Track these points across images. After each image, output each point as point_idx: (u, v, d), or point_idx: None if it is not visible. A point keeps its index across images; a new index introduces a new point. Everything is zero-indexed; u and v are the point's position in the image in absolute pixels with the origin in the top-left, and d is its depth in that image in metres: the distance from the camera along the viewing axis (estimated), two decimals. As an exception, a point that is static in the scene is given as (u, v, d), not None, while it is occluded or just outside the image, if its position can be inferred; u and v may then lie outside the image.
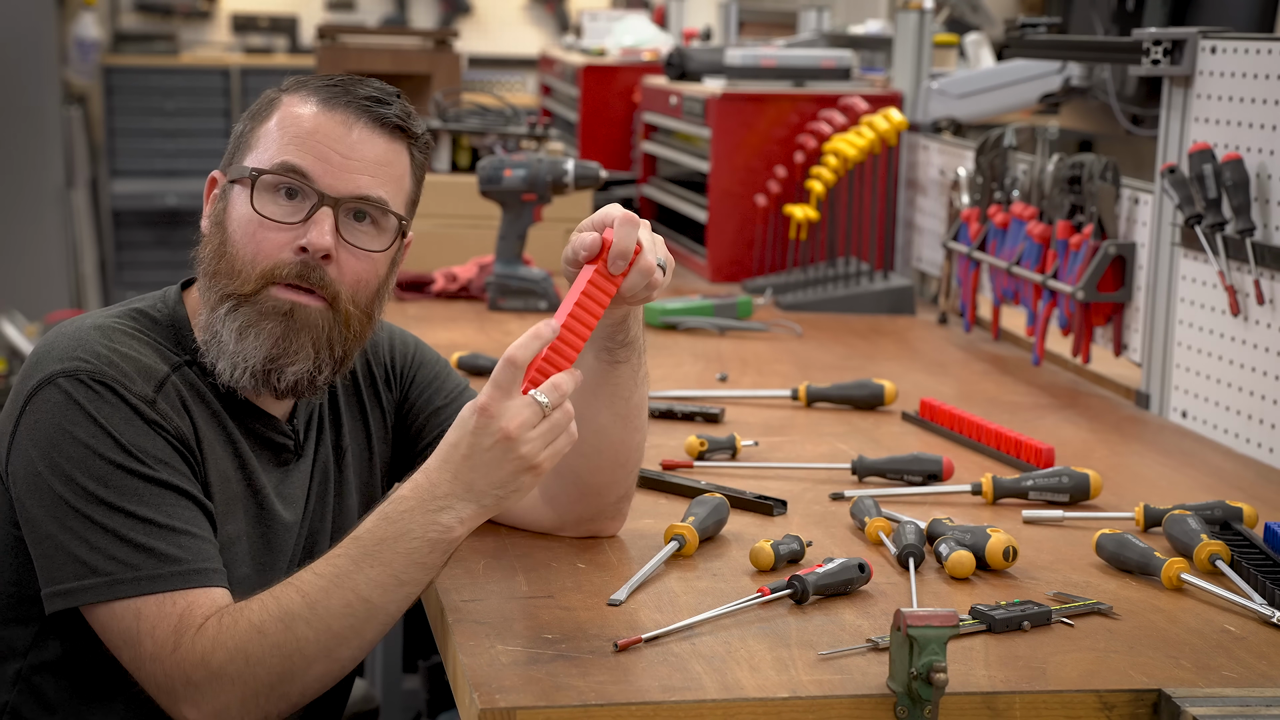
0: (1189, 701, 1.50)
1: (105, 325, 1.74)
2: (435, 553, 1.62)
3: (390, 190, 1.78)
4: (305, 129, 1.75)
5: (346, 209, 1.75)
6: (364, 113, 1.76)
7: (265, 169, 1.73)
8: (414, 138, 1.81)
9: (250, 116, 1.80)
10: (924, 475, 2.18)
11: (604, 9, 7.83)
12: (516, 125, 3.82)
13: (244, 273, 1.73)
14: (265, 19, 8.52)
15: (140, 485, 1.64)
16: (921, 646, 1.46)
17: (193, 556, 1.64)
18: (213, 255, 1.76)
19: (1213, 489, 2.23)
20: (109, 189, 7.96)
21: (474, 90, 5.63)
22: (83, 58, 7.77)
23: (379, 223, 1.77)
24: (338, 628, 1.61)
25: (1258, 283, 2.40)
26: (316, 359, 1.75)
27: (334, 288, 1.74)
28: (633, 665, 1.53)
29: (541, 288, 3.30)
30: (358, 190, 1.75)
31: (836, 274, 3.52)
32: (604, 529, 1.92)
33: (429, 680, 3.54)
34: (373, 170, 1.76)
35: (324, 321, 1.75)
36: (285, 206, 1.74)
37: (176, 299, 1.81)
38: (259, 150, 1.76)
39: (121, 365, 1.68)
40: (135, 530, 1.63)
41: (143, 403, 1.67)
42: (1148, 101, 3.64)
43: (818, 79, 3.83)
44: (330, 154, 1.74)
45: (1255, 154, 2.44)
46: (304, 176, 1.73)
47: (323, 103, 1.76)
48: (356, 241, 1.76)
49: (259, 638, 1.60)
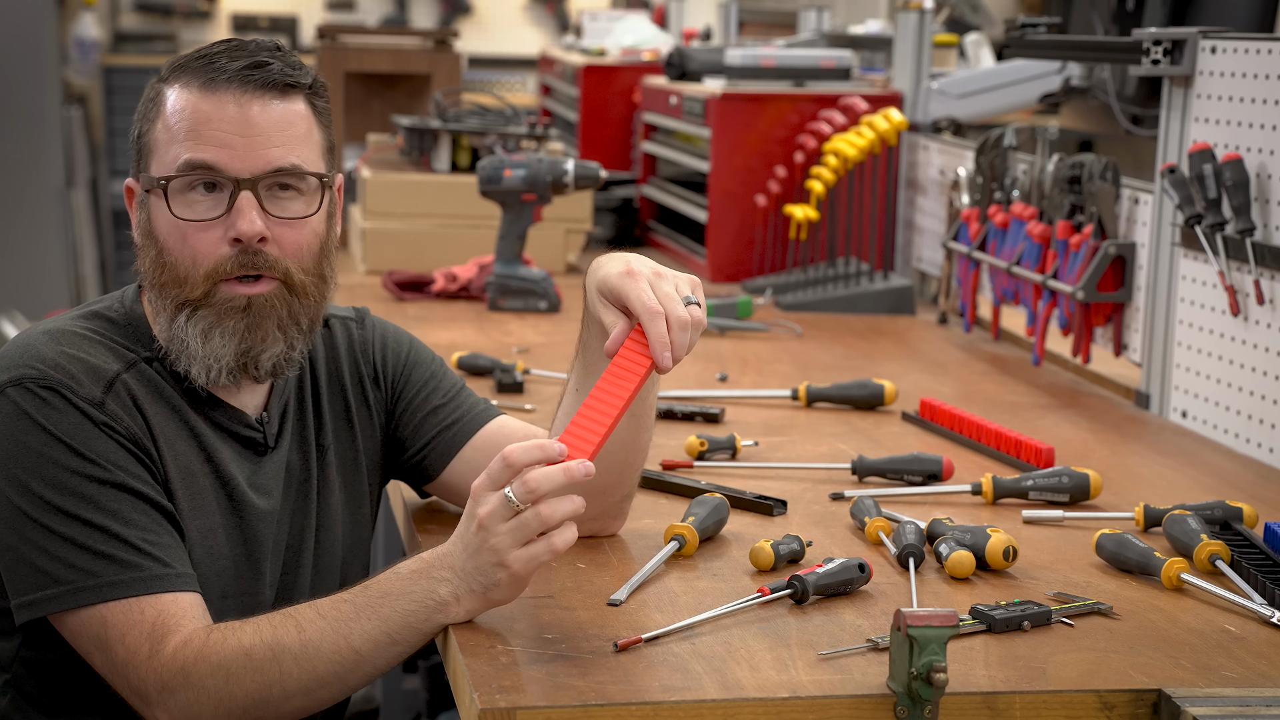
0: (1189, 701, 1.50)
1: (56, 329, 1.74)
2: (430, 622, 1.60)
3: (302, 151, 1.75)
4: (197, 120, 1.72)
5: (265, 185, 1.73)
6: (246, 83, 1.72)
7: (171, 174, 1.72)
8: (307, 87, 1.77)
9: (141, 117, 1.78)
10: (924, 475, 2.18)
11: (604, 9, 7.83)
12: (516, 125, 3.82)
13: (189, 278, 1.73)
14: (265, 19, 8.52)
15: (96, 490, 1.64)
16: (921, 646, 1.45)
17: (153, 562, 1.63)
18: (153, 267, 1.76)
19: (1213, 489, 2.23)
20: (109, 189, 7.96)
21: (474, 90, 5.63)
22: (83, 58, 7.77)
23: (300, 187, 1.76)
24: (323, 671, 1.60)
25: (1258, 283, 2.40)
26: (286, 338, 1.76)
27: (280, 265, 1.74)
28: (633, 665, 1.53)
29: (541, 288, 3.30)
30: (270, 164, 1.73)
31: (836, 274, 3.52)
32: (606, 528, 1.91)
33: (429, 680, 3.54)
34: (277, 139, 1.73)
35: (280, 302, 1.75)
36: (204, 202, 1.72)
37: (134, 298, 1.81)
38: (159, 153, 1.74)
39: (69, 368, 1.68)
40: (93, 538, 1.62)
41: (91, 405, 1.67)
42: (1148, 101, 3.64)
43: (818, 79, 3.83)
44: (229, 138, 1.72)
45: (1255, 154, 2.44)
46: (211, 169, 1.71)
47: (203, 86, 1.72)
48: (285, 213, 1.74)
49: (245, 660, 1.59)
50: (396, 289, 3.40)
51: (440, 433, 1.94)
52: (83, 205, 7.63)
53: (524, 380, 2.64)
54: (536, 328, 3.15)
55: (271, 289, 1.74)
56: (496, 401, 2.49)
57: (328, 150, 1.81)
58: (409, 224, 3.65)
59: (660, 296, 1.67)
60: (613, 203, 4.20)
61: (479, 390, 2.12)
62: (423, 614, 1.60)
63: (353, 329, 1.96)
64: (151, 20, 8.48)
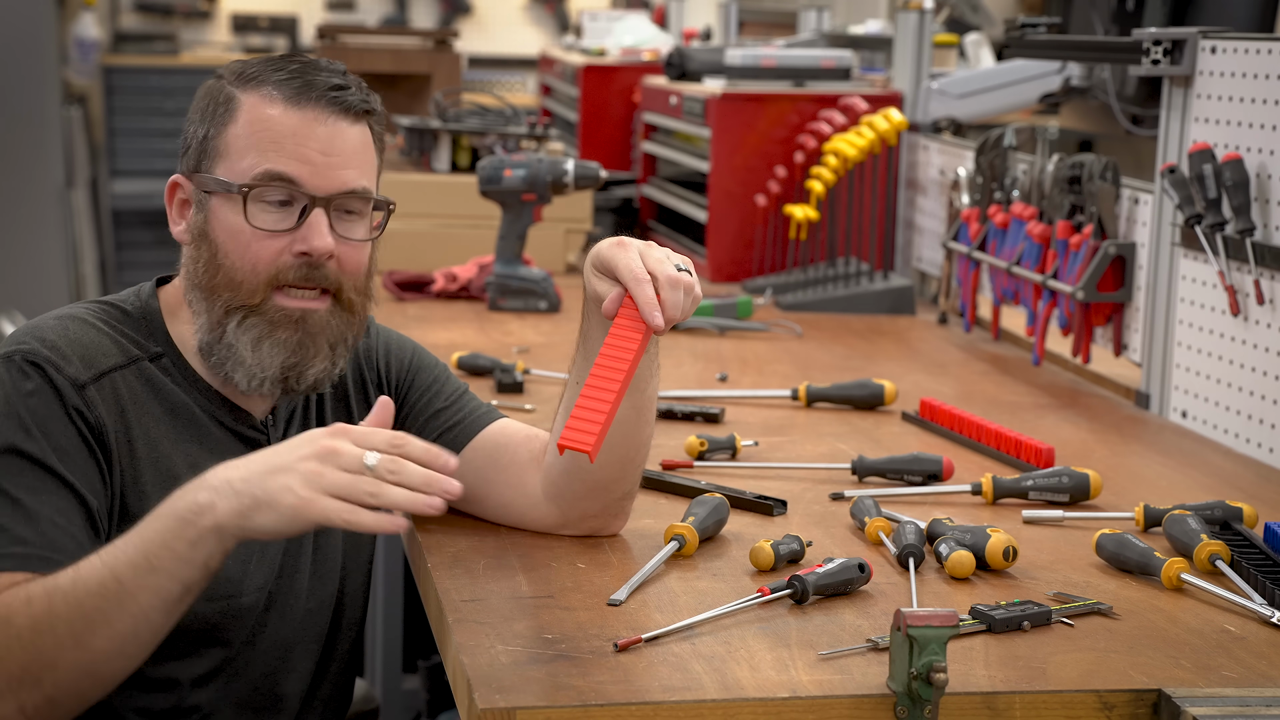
0: (1189, 701, 1.50)
1: (69, 314, 1.75)
2: (183, 537, 1.53)
3: (369, 176, 1.79)
4: (281, 132, 1.73)
5: (337, 205, 1.75)
6: (333, 105, 1.75)
7: (253, 183, 1.73)
8: (375, 115, 1.81)
9: (209, 118, 1.77)
10: (924, 475, 2.18)
11: (604, 9, 7.83)
12: (516, 125, 3.82)
13: (246, 284, 1.74)
14: (265, 19, 8.52)
15: (27, 466, 1.63)
16: (921, 646, 1.46)
17: (40, 542, 1.61)
18: (205, 268, 1.76)
19: (1213, 489, 2.23)
20: (109, 189, 7.96)
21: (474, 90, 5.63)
22: (83, 58, 7.77)
23: (363, 211, 1.79)
24: (89, 607, 1.54)
25: (1258, 283, 2.40)
26: (332, 355, 1.78)
27: (336, 280, 1.76)
28: (633, 665, 1.53)
29: (541, 288, 3.30)
30: (344, 186, 1.76)
31: (836, 274, 3.52)
32: (607, 527, 1.91)
33: (429, 680, 3.54)
34: (353, 161, 1.77)
35: (334, 320, 1.77)
36: (276, 214, 1.74)
37: (150, 293, 1.82)
38: (233, 158, 1.74)
39: (63, 349, 1.69)
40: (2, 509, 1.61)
41: (69, 385, 1.67)
42: (1148, 101, 3.64)
43: (818, 79, 3.83)
44: (312, 154, 1.74)
45: (1255, 154, 2.44)
46: (291, 182, 1.73)
47: (289, 100, 1.74)
48: (350, 234, 1.77)
49: (24, 608, 1.55)
50: (396, 289, 3.40)
51: (441, 435, 1.93)
52: (83, 205, 7.63)
53: (524, 380, 2.64)
54: (536, 328, 3.15)
55: (325, 306, 1.76)
56: (496, 401, 2.49)
57: (378, 175, 1.84)
58: (409, 224, 3.65)
59: (649, 262, 1.71)
60: (613, 203, 4.20)
61: (479, 391, 2.12)
62: (176, 528, 1.53)
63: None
64: (151, 20, 8.48)
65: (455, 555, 1.84)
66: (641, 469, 1.91)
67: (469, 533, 1.92)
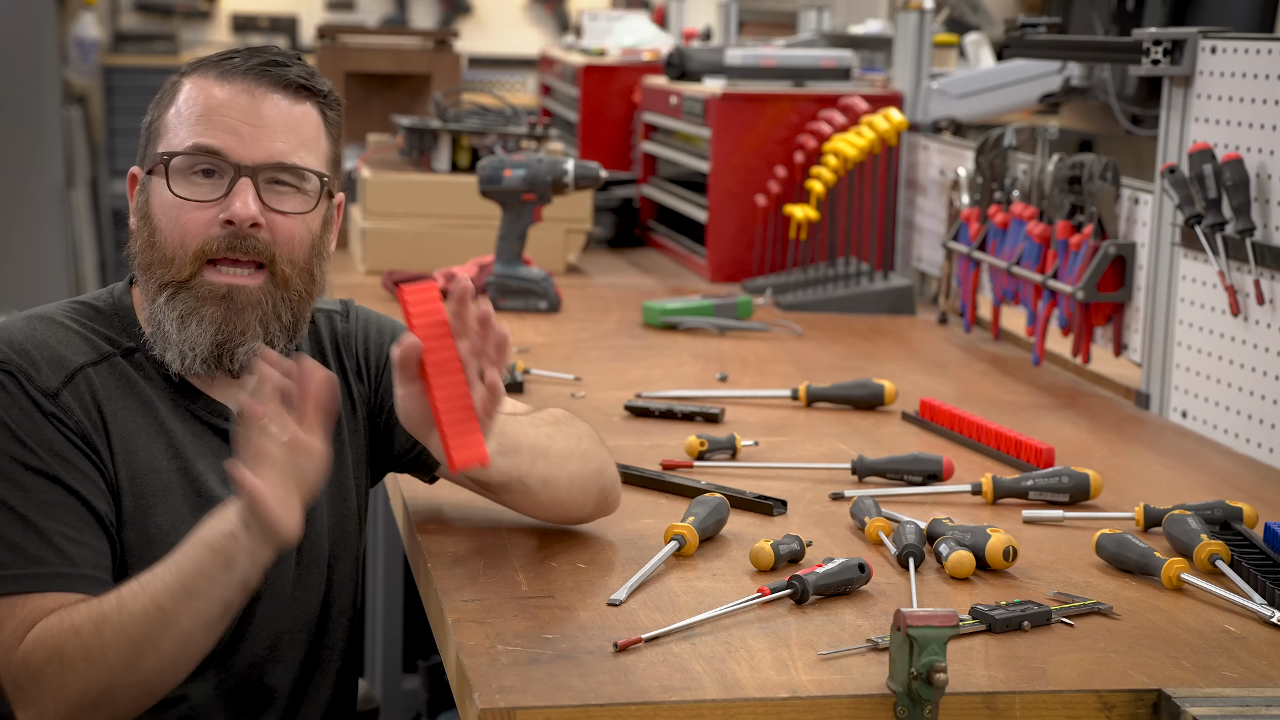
0: (1189, 701, 1.50)
1: (38, 315, 1.76)
2: (216, 563, 1.59)
3: (305, 152, 1.77)
4: (209, 105, 1.75)
5: (265, 176, 1.75)
6: (263, 77, 1.76)
7: (176, 151, 1.73)
8: (320, 95, 1.80)
9: (155, 105, 1.80)
10: (924, 475, 2.18)
11: (604, 9, 7.83)
12: (516, 125, 3.82)
13: (176, 258, 1.74)
14: (265, 19, 8.52)
15: (29, 478, 1.64)
16: (921, 646, 1.46)
17: (59, 560, 1.63)
18: (144, 247, 1.77)
19: (1213, 489, 2.23)
20: (109, 189, 7.95)
21: (474, 90, 5.63)
22: (83, 58, 7.77)
23: (300, 186, 1.77)
24: (135, 634, 1.58)
25: (1258, 283, 2.40)
26: (266, 333, 1.77)
27: (268, 250, 1.75)
28: (633, 665, 1.53)
29: (541, 288, 3.30)
30: (272, 157, 1.75)
31: (836, 274, 3.52)
32: (603, 512, 1.93)
33: (429, 680, 3.54)
34: (283, 135, 1.76)
35: (264, 295, 1.76)
36: (204, 185, 1.74)
37: (123, 290, 1.83)
38: (168, 136, 1.76)
39: (33, 355, 1.69)
40: (11, 527, 1.63)
41: (44, 396, 1.68)
42: (1148, 101, 3.64)
43: (818, 79, 3.83)
44: (238, 125, 1.74)
45: (1255, 154, 2.44)
46: (216, 153, 1.73)
47: (221, 75, 1.76)
48: (281, 206, 1.76)
49: (74, 639, 1.58)
50: (396, 289, 3.40)
51: None
52: (83, 205, 7.63)
53: (524, 380, 2.64)
54: (536, 328, 3.15)
55: (256, 282, 1.75)
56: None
57: (332, 162, 1.82)
58: (409, 224, 3.65)
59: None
60: (613, 203, 4.20)
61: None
62: (208, 555, 1.59)
63: (337, 322, 1.95)
64: (151, 20, 8.48)
65: (455, 555, 1.84)
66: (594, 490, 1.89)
67: (469, 533, 1.92)
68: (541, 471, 1.82)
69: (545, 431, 1.86)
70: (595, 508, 1.92)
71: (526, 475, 1.80)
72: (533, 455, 1.81)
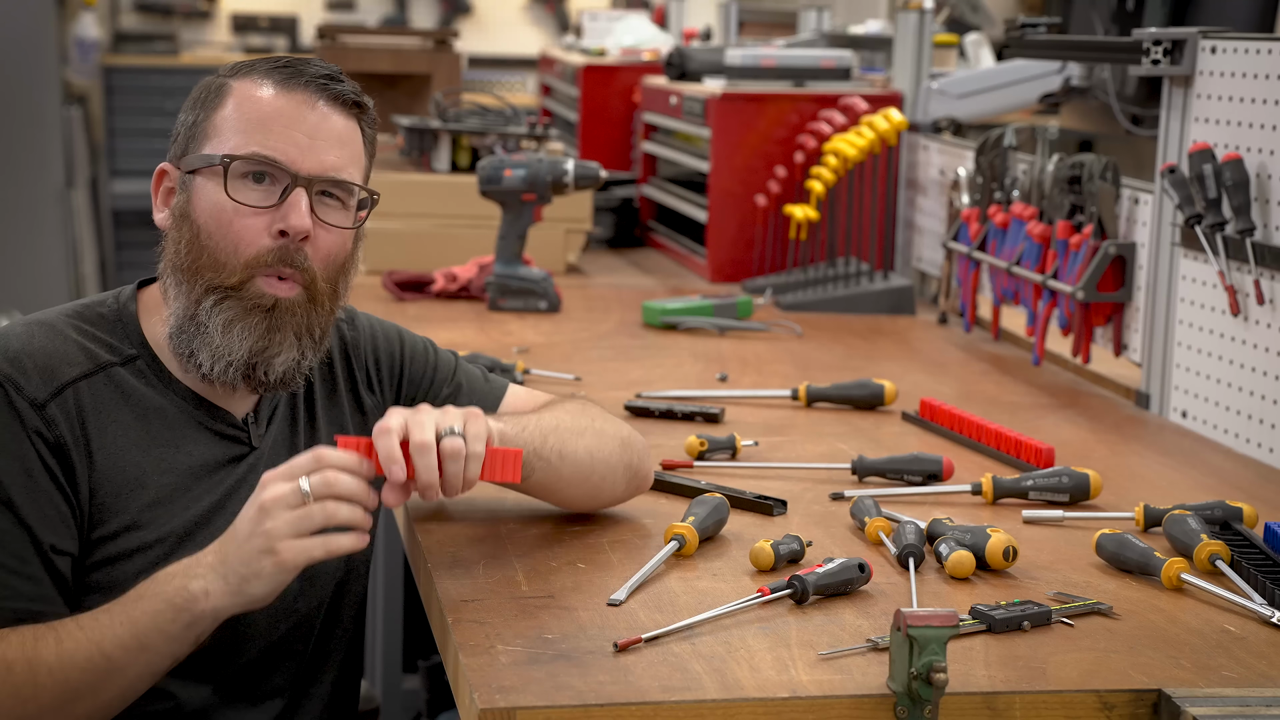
0: (1189, 701, 1.50)
1: (38, 321, 1.75)
2: (178, 622, 1.58)
3: (353, 167, 1.79)
4: (266, 112, 1.74)
5: (317, 189, 1.75)
6: (322, 91, 1.76)
7: (237, 155, 1.73)
8: (366, 112, 1.82)
9: (200, 105, 1.78)
10: (924, 475, 2.18)
11: (604, 9, 7.83)
12: (516, 125, 3.82)
13: (228, 264, 1.73)
14: (265, 19, 8.52)
15: None
16: (921, 646, 1.46)
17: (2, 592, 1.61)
18: (186, 249, 1.75)
19: (1213, 489, 2.23)
20: (109, 189, 7.96)
21: (474, 90, 5.63)
22: (83, 58, 7.77)
23: (345, 201, 1.78)
24: (75, 682, 1.58)
25: (1258, 283, 2.40)
26: (300, 346, 1.76)
27: (311, 269, 1.75)
28: (633, 665, 1.53)
29: (541, 288, 3.30)
30: (326, 169, 1.75)
31: (836, 274, 3.52)
32: (636, 489, 1.97)
33: (429, 680, 3.54)
34: (337, 148, 1.76)
35: (302, 310, 1.75)
36: (257, 191, 1.74)
37: (129, 296, 1.81)
38: (219, 138, 1.75)
39: (25, 364, 1.68)
40: None
41: (30, 407, 1.66)
42: (1148, 101, 3.65)
43: (818, 79, 3.83)
44: (296, 135, 1.74)
45: (1255, 154, 2.44)
46: (273, 160, 1.73)
47: (279, 84, 1.75)
48: (329, 219, 1.77)
49: (5, 675, 1.58)
50: (396, 289, 3.40)
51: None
52: (83, 205, 7.63)
53: (524, 380, 2.64)
54: (536, 328, 3.15)
55: (295, 294, 1.75)
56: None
57: (367, 177, 1.84)
58: (409, 224, 3.65)
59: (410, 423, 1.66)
60: (613, 203, 4.20)
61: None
62: (169, 614, 1.58)
63: (344, 330, 1.95)
64: (151, 20, 8.48)
65: (455, 555, 1.84)
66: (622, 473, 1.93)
67: (469, 533, 1.92)
68: (554, 445, 1.83)
69: (551, 412, 1.88)
70: (627, 484, 1.94)
71: (541, 446, 1.81)
72: (541, 430, 1.82)
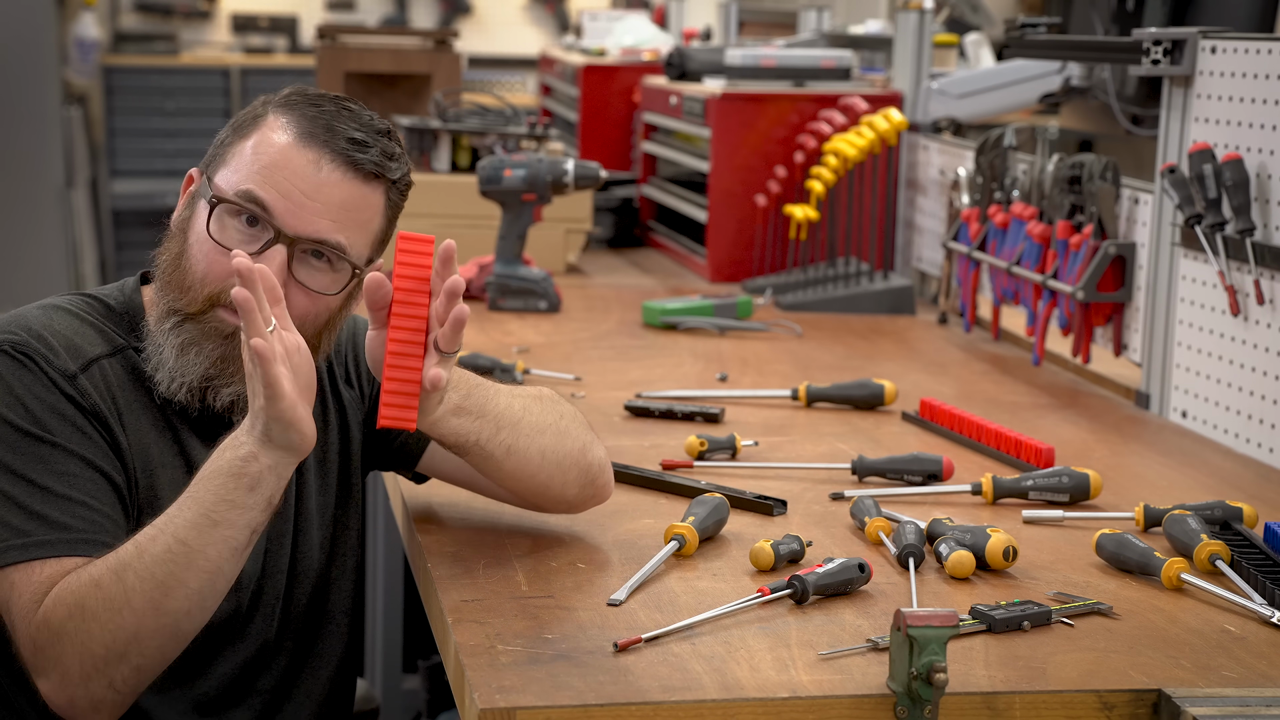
0: (1189, 701, 1.50)
1: (52, 305, 1.77)
2: (239, 488, 1.60)
3: (352, 235, 1.76)
4: (276, 159, 1.72)
5: (302, 248, 1.73)
6: (338, 155, 1.73)
7: (226, 198, 1.72)
8: (391, 182, 1.79)
9: (236, 126, 1.78)
10: (924, 475, 2.18)
11: (604, 9, 7.83)
12: (516, 125, 3.82)
13: (193, 290, 1.74)
14: (265, 19, 8.52)
15: (46, 451, 1.65)
16: (921, 646, 1.46)
17: (83, 526, 1.64)
18: (170, 263, 1.77)
19: (1213, 489, 2.23)
20: (109, 189, 7.96)
21: (474, 90, 5.63)
22: (83, 58, 7.77)
23: (334, 265, 1.76)
24: (160, 574, 1.59)
25: (1258, 283, 2.40)
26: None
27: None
28: (633, 665, 1.53)
29: (541, 288, 3.30)
30: (316, 233, 1.73)
31: (836, 274, 3.52)
32: (591, 499, 1.92)
33: (429, 680, 3.54)
34: (335, 214, 1.73)
35: None
36: (244, 234, 1.73)
37: (134, 288, 1.83)
38: (230, 169, 1.75)
39: (50, 340, 1.71)
40: (33, 497, 1.63)
41: (62, 377, 1.69)
42: (1148, 101, 3.64)
43: (818, 79, 3.83)
44: (293, 191, 1.72)
45: (1255, 154, 2.44)
46: (264, 209, 1.72)
47: (299, 135, 1.73)
48: (309, 282, 1.75)
49: (95, 591, 1.59)
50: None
51: None
52: (83, 205, 7.63)
53: (524, 380, 2.64)
54: (536, 328, 3.15)
55: None
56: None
57: (379, 241, 1.81)
58: (409, 224, 3.63)
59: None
60: (613, 203, 4.20)
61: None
62: (230, 483, 1.60)
63: None
64: (151, 20, 8.48)
65: (455, 555, 1.84)
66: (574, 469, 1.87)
67: (469, 533, 1.92)
68: (506, 440, 1.80)
69: (521, 403, 1.84)
70: (580, 490, 1.89)
71: (487, 442, 1.78)
72: (498, 423, 1.79)
